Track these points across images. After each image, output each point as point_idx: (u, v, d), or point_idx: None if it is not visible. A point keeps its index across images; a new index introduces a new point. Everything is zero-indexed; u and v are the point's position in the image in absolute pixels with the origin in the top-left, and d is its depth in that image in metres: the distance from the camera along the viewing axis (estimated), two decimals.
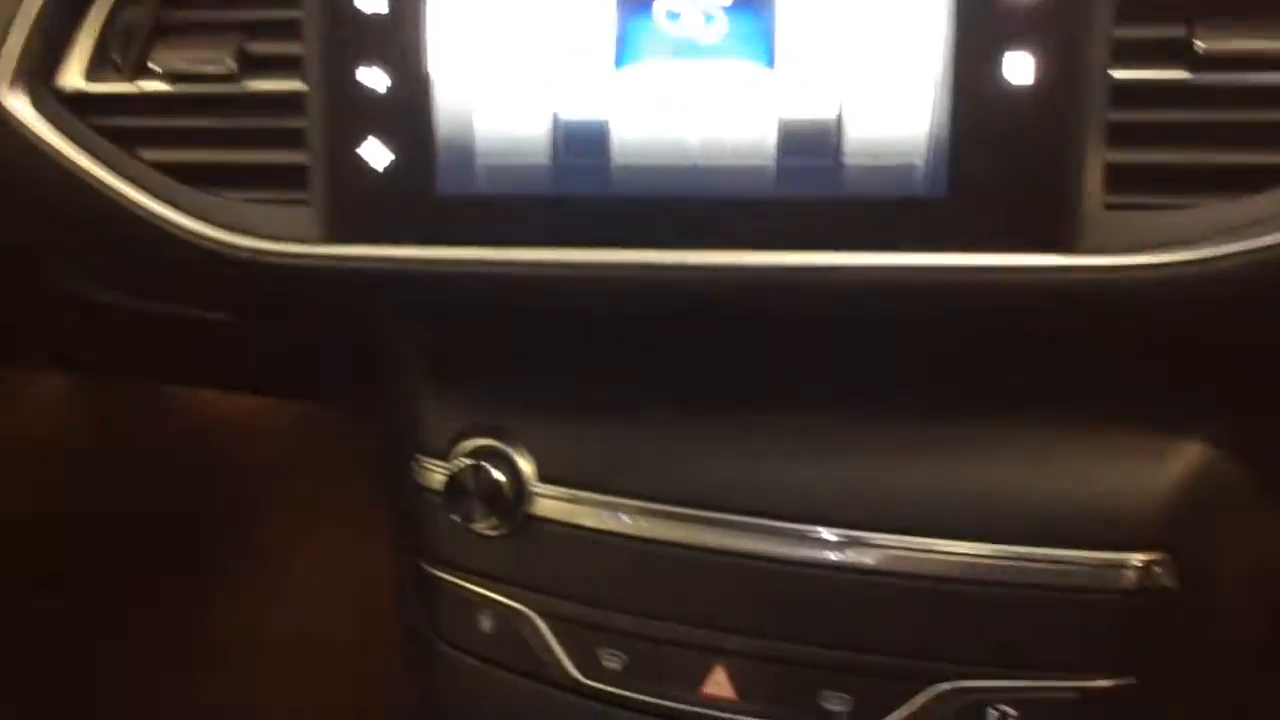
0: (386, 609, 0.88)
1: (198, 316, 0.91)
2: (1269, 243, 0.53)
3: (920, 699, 0.65)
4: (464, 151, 0.60)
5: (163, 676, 1.45)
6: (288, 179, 0.64)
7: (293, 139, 0.63)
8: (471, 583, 0.73)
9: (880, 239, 0.57)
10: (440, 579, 0.75)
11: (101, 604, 1.48)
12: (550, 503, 0.70)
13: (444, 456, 0.73)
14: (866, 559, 0.65)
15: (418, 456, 0.75)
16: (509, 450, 0.70)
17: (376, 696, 1.10)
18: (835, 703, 0.66)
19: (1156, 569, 0.62)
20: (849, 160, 0.57)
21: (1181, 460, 0.63)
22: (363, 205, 0.62)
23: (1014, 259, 0.56)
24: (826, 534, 0.65)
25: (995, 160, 0.55)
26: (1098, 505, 0.63)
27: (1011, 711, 0.64)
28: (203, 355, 1.10)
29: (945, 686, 0.64)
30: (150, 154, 0.66)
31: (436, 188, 0.61)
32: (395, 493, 0.79)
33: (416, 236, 0.62)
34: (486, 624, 0.73)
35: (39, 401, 1.57)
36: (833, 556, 0.65)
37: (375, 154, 0.61)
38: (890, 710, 0.65)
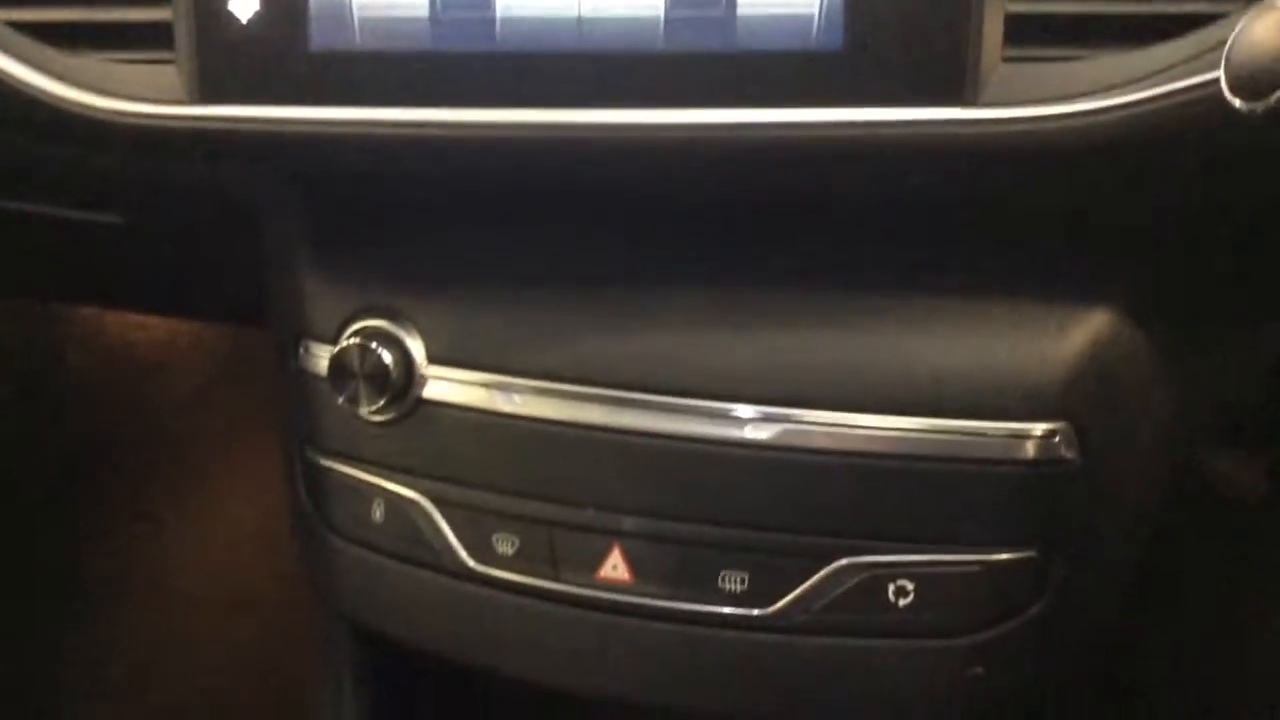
0: None
1: (80, 220, 0.87)
2: (1164, 90, 0.51)
3: (818, 576, 0.64)
4: (338, 3, 0.57)
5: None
6: (154, 37, 0.60)
7: None
8: (362, 471, 0.71)
9: (775, 94, 0.55)
10: (329, 469, 0.72)
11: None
12: (441, 385, 0.67)
13: (333, 341, 0.70)
14: (764, 434, 0.63)
15: (304, 342, 0.72)
16: (398, 331, 0.68)
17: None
18: (733, 582, 0.65)
19: (1056, 439, 0.61)
20: (741, 11, 0.55)
21: (1083, 329, 0.62)
22: (230, 61, 0.58)
23: (911, 113, 0.54)
24: (724, 409, 0.63)
25: (893, 11, 0.53)
26: (997, 375, 0.61)
27: (910, 585, 0.63)
28: (90, 267, 1.05)
29: (843, 562, 0.63)
30: (5, 13, 0.62)
31: (309, 42, 0.57)
32: (285, 386, 0.76)
33: (287, 95, 0.58)
34: (378, 513, 0.71)
35: None
36: (731, 432, 0.63)
37: (243, 6, 0.58)
38: (789, 588, 0.64)
